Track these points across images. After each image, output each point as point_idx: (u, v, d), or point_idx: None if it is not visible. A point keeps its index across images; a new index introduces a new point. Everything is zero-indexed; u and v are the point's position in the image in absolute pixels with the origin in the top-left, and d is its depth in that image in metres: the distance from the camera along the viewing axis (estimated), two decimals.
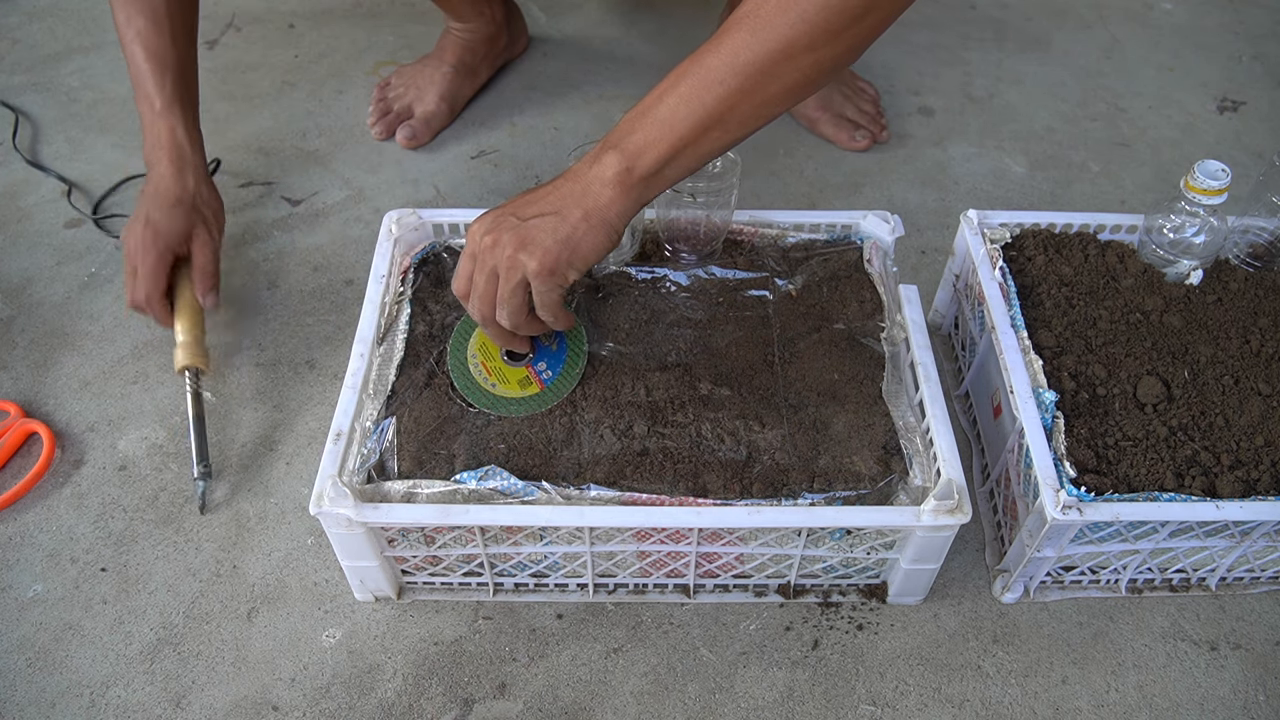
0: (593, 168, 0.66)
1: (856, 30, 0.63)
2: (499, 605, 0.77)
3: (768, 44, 0.62)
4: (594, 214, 0.66)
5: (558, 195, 0.67)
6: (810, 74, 0.64)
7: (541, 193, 0.68)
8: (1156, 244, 0.85)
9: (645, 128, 0.65)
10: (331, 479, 0.66)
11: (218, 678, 0.73)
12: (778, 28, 0.62)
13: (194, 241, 0.89)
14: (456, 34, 1.23)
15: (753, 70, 0.63)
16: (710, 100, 0.64)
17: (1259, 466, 0.72)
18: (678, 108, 0.65)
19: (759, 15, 0.62)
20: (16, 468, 0.86)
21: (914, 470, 0.70)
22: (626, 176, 0.66)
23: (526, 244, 0.65)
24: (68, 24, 1.41)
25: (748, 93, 0.64)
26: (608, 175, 0.66)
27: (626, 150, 0.66)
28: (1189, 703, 0.73)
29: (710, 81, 0.64)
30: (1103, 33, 1.47)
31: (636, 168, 0.66)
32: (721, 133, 0.66)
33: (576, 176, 0.67)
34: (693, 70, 0.64)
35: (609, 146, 0.66)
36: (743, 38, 0.63)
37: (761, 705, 0.72)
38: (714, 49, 0.64)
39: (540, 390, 0.73)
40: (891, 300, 0.81)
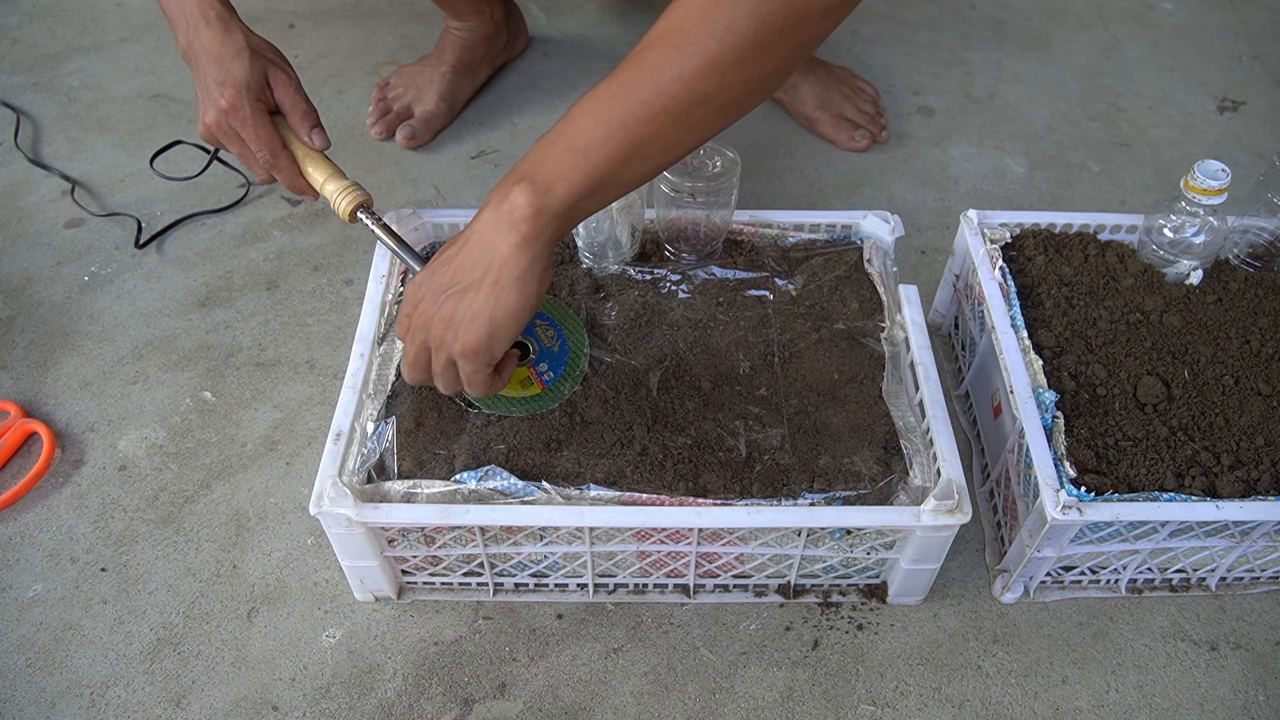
0: (501, 206, 0.59)
1: (787, 43, 0.57)
2: (499, 605, 0.77)
3: (694, 60, 0.56)
4: (503, 277, 0.59)
5: (469, 258, 0.60)
6: (740, 93, 0.59)
7: (454, 255, 0.61)
8: (1156, 244, 0.85)
9: (558, 156, 0.58)
10: (331, 479, 0.66)
11: (218, 678, 0.73)
12: (704, 42, 0.56)
13: (274, 86, 0.78)
14: (455, 33, 1.23)
15: (678, 89, 0.57)
16: (631, 123, 0.58)
17: (1259, 466, 0.72)
18: (594, 133, 0.58)
19: (683, 30, 0.57)
20: (16, 468, 0.86)
21: (914, 470, 0.70)
22: (537, 217, 0.58)
23: (449, 324, 0.61)
24: (68, 24, 1.41)
25: (672, 114, 0.58)
26: (516, 217, 0.58)
27: (537, 183, 0.58)
28: (1189, 703, 0.73)
29: (631, 102, 0.57)
30: (1103, 33, 1.47)
31: (548, 205, 0.58)
32: (643, 160, 0.60)
33: (484, 227, 0.60)
34: (610, 91, 0.58)
35: (519, 178, 0.59)
36: (666, 54, 0.57)
37: (761, 705, 0.72)
38: (634, 67, 0.58)
39: (542, 391, 0.73)
40: (891, 300, 0.81)
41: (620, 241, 0.83)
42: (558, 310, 0.78)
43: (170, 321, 0.99)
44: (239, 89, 0.75)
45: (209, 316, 0.99)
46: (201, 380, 0.93)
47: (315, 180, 0.78)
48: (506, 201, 0.59)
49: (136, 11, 1.43)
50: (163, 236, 1.08)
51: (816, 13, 0.57)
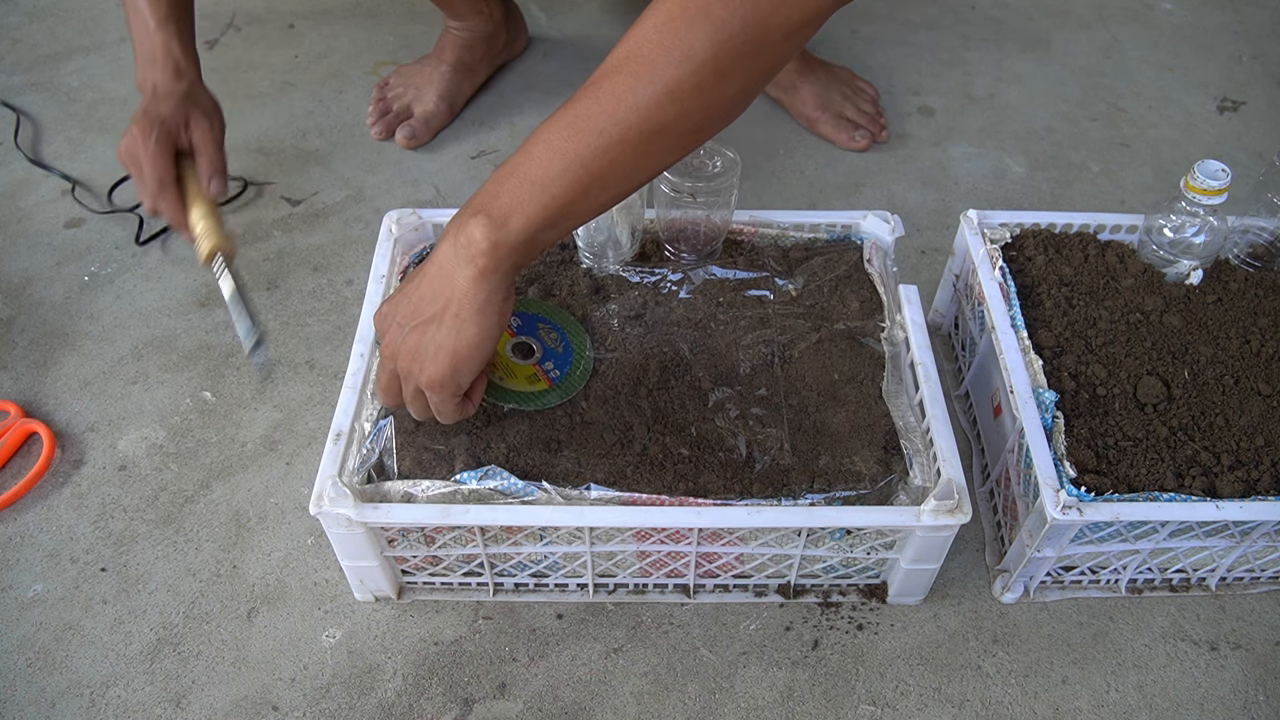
0: (458, 239, 0.59)
1: (748, 68, 0.56)
2: (499, 605, 0.77)
3: (652, 87, 0.55)
4: (463, 310, 0.60)
5: (429, 290, 0.61)
6: (700, 119, 0.57)
7: (415, 287, 0.62)
8: (1156, 244, 0.85)
9: (514, 189, 0.58)
10: (331, 479, 0.66)
11: (218, 678, 0.73)
12: (662, 69, 0.55)
13: (192, 130, 0.85)
14: (455, 33, 1.23)
15: (636, 118, 0.56)
16: (588, 154, 0.57)
17: (1259, 466, 0.72)
18: (550, 164, 0.57)
19: (640, 57, 0.55)
20: (16, 468, 0.86)
21: (914, 470, 0.70)
22: (494, 251, 0.58)
23: (415, 355, 0.62)
24: (68, 24, 1.41)
25: (631, 144, 0.57)
26: (473, 251, 0.59)
27: (493, 216, 0.58)
28: (1189, 703, 0.73)
29: (587, 132, 0.56)
30: (1103, 33, 1.47)
31: (504, 239, 0.58)
32: (601, 191, 0.59)
33: (442, 258, 0.61)
34: (567, 121, 0.57)
35: (475, 210, 0.59)
36: (624, 81, 0.56)
37: (761, 705, 0.72)
38: (590, 95, 0.57)
39: (549, 387, 0.73)
40: (891, 300, 0.81)
41: (620, 241, 0.83)
42: (558, 314, 0.78)
43: (170, 321, 0.99)
44: (152, 122, 0.82)
45: (209, 316, 0.99)
46: (201, 380, 0.93)
47: (192, 218, 0.83)
48: (463, 234, 0.59)
49: None
50: (163, 236, 1.08)
51: (776, 37, 0.56)
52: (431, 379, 0.62)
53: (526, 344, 0.75)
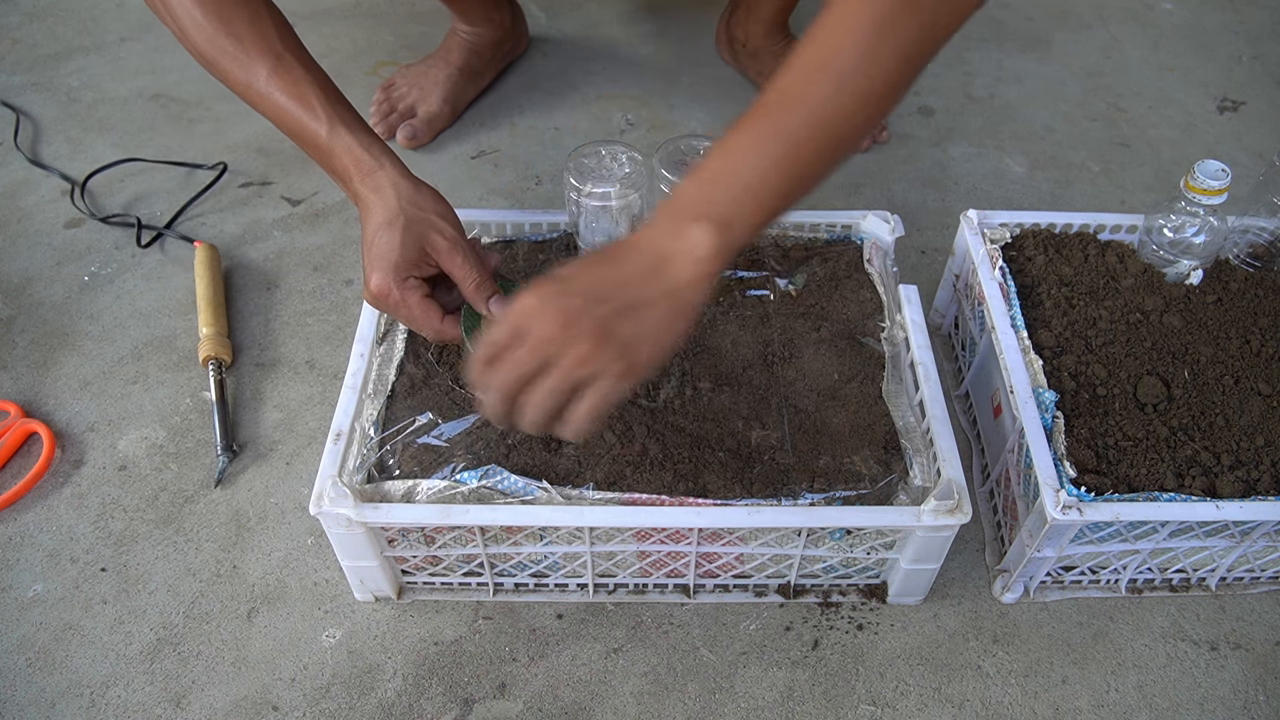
0: (677, 241, 0.59)
1: (917, 69, 0.62)
2: (499, 605, 0.77)
3: (852, 97, 0.60)
4: (677, 300, 0.59)
5: (634, 276, 0.59)
6: (878, 117, 0.63)
7: (611, 271, 0.60)
8: (1156, 244, 0.85)
9: (735, 197, 0.60)
10: (331, 479, 0.66)
11: (218, 678, 0.73)
12: (858, 79, 0.59)
13: (436, 254, 0.71)
14: (464, 36, 1.23)
15: (836, 125, 0.60)
16: (802, 160, 0.60)
17: (1259, 466, 0.72)
18: (767, 173, 0.60)
19: (837, 68, 0.59)
20: (16, 468, 0.86)
21: (914, 470, 0.70)
22: (719, 256, 0.60)
23: (607, 340, 0.57)
24: (68, 24, 1.41)
25: (831, 147, 0.61)
26: (700, 253, 0.59)
27: (716, 222, 0.59)
28: (1189, 703, 0.73)
29: (798, 141, 0.60)
30: (1103, 33, 1.47)
31: (729, 244, 0.60)
32: (804, 191, 0.62)
33: (654, 252, 0.60)
34: (774, 130, 0.60)
35: (697, 217, 0.59)
36: (824, 92, 0.59)
37: (761, 705, 0.72)
38: (793, 106, 0.60)
39: None
40: (891, 300, 0.81)
41: None
42: None
43: (170, 321, 0.99)
44: (385, 271, 0.69)
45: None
46: (201, 380, 0.93)
47: (201, 322, 0.93)
48: (684, 238, 0.60)
49: (136, 11, 1.43)
50: (163, 237, 1.08)
51: (942, 38, 0.61)
52: (629, 367, 0.58)
53: None
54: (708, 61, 1.36)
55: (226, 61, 0.74)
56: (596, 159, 0.81)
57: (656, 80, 1.33)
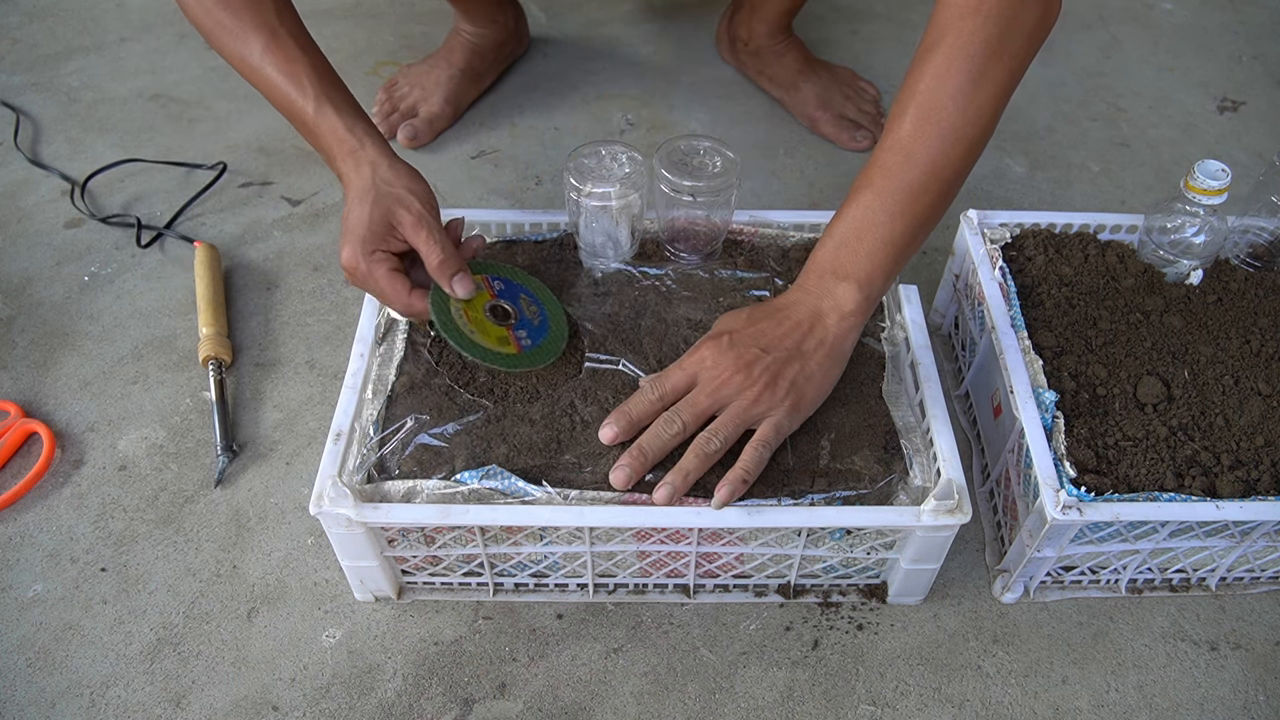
0: (825, 300, 0.69)
1: (1006, 104, 0.70)
2: (499, 605, 0.77)
3: (957, 144, 0.67)
4: (833, 351, 0.69)
5: (794, 330, 0.68)
6: (978, 156, 0.70)
7: (774, 327, 0.69)
8: (1156, 244, 0.85)
9: (870, 252, 0.69)
10: (331, 479, 0.66)
11: (218, 678, 0.73)
12: (961, 128, 0.67)
13: (401, 228, 0.72)
14: (468, 37, 1.23)
15: (947, 173, 0.68)
16: (921, 210, 0.69)
17: (1259, 466, 0.72)
18: (894, 227, 0.68)
19: (941, 122, 0.67)
20: (16, 468, 0.86)
21: (914, 470, 0.70)
22: (866, 306, 0.69)
23: (781, 386, 0.67)
24: (68, 24, 1.41)
25: (945, 193, 0.70)
26: (848, 309, 0.68)
27: (860, 280, 0.68)
28: (1189, 703, 0.73)
29: (916, 194, 0.68)
30: (1103, 33, 1.47)
31: (871, 296, 0.69)
32: (926, 235, 0.71)
33: (808, 309, 0.69)
34: (894, 185, 0.68)
35: (841, 276, 0.69)
36: (933, 147, 0.67)
37: (761, 705, 0.72)
38: (908, 163, 0.68)
39: (517, 352, 0.72)
40: (891, 300, 0.81)
41: (620, 241, 0.83)
42: (542, 292, 0.78)
43: (170, 321, 0.99)
44: (354, 244, 0.71)
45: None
46: (201, 380, 0.93)
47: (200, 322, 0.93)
48: (830, 297, 0.69)
49: (136, 11, 1.43)
50: (163, 237, 1.08)
51: (1020, 79, 0.69)
52: (797, 411, 0.68)
53: (504, 308, 0.75)
54: (708, 61, 1.36)
55: (222, 34, 0.75)
56: (596, 159, 0.81)
57: (656, 80, 1.33)
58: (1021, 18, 0.66)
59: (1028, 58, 0.68)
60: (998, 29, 0.66)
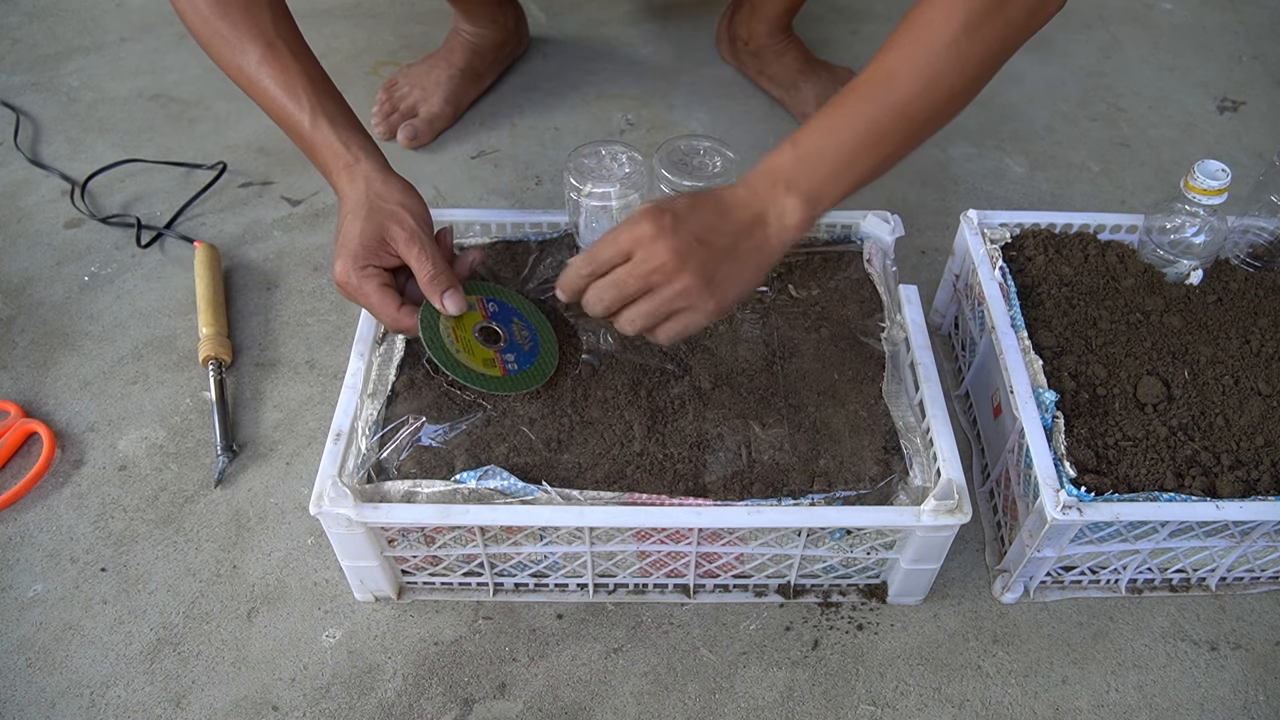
0: (771, 206, 0.66)
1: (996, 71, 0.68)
2: (499, 605, 0.77)
3: (940, 90, 0.66)
4: (764, 260, 0.67)
5: (734, 228, 0.66)
6: (958, 111, 0.69)
7: (716, 219, 0.66)
8: (1156, 244, 0.85)
9: (826, 174, 0.67)
10: (331, 479, 0.66)
11: (218, 678, 0.73)
12: (946, 76, 0.65)
13: (394, 244, 0.72)
14: (467, 37, 1.23)
15: (922, 116, 0.67)
16: (886, 145, 0.67)
17: (1259, 466, 0.72)
18: (856, 154, 0.67)
19: (935, 62, 0.65)
20: (16, 468, 0.86)
21: (914, 470, 0.70)
22: (808, 224, 0.67)
23: (711, 284, 0.65)
24: (68, 24, 1.41)
25: (915, 135, 0.68)
26: (790, 223, 0.66)
27: (810, 198, 0.67)
28: (1189, 703, 0.73)
29: (886, 129, 0.66)
30: (1103, 33, 1.47)
31: (814, 215, 0.67)
32: (885, 171, 0.69)
33: (752, 210, 0.66)
34: (866, 114, 0.66)
35: (790, 188, 0.66)
36: (915, 87, 0.65)
37: (761, 705, 0.72)
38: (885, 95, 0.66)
39: (502, 376, 0.72)
40: (891, 300, 0.81)
41: None
42: (536, 317, 0.78)
43: (170, 321, 0.99)
44: (346, 259, 0.71)
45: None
46: (201, 380, 0.93)
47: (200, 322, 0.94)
48: (778, 205, 0.67)
49: (136, 11, 1.43)
50: (163, 237, 1.08)
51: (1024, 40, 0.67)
52: (719, 309, 0.66)
53: (495, 331, 0.75)
54: (708, 61, 1.36)
55: (219, 44, 0.75)
56: (596, 159, 0.81)
57: (656, 80, 1.33)
58: None
59: (1022, 33, 0.67)
60: None
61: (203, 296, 0.96)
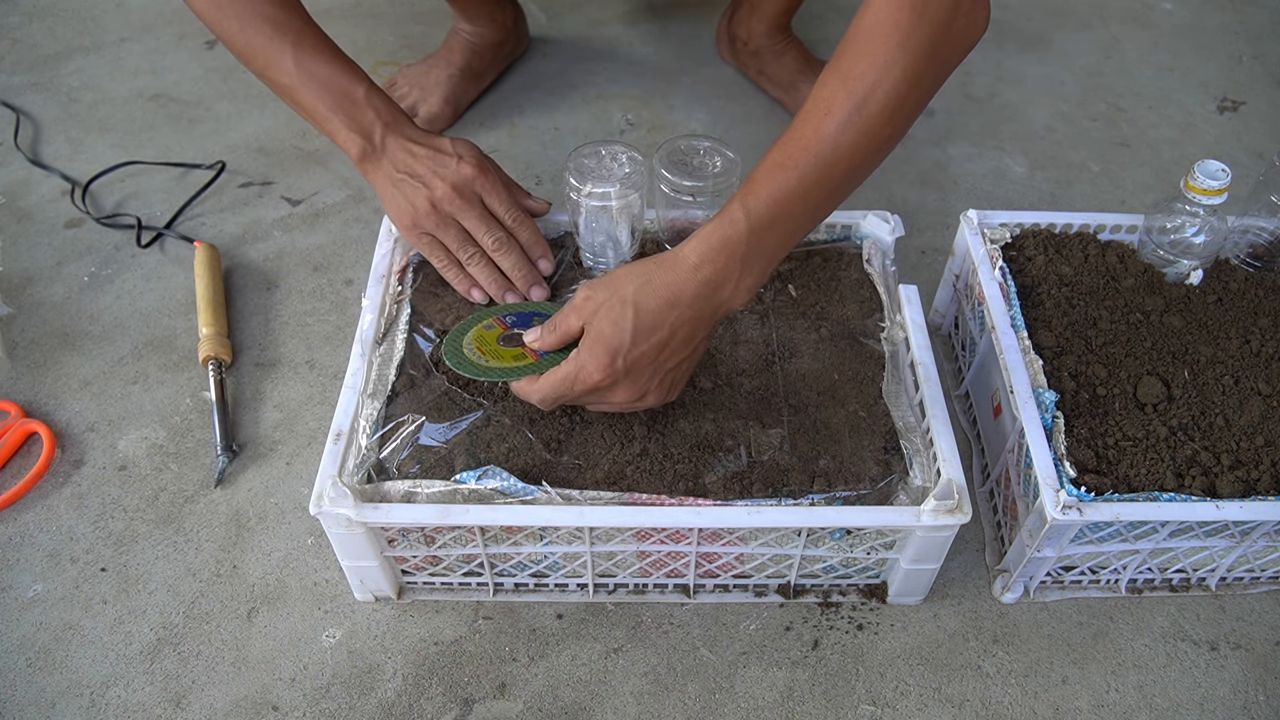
0: (720, 293, 0.65)
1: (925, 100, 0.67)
2: (499, 605, 0.77)
3: (882, 148, 0.66)
4: (701, 345, 0.68)
5: (690, 333, 0.66)
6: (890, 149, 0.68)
7: (670, 333, 0.65)
8: (1156, 244, 0.85)
9: (778, 245, 0.67)
10: (331, 479, 0.66)
11: (218, 678, 0.73)
12: (891, 133, 0.65)
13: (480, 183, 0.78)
14: (466, 37, 1.23)
15: (863, 175, 0.67)
16: (827, 209, 0.68)
17: (1259, 466, 0.72)
18: (803, 223, 0.67)
19: (879, 121, 0.64)
20: (16, 468, 0.86)
21: (914, 470, 0.70)
22: (733, 309, 0.67)
23: (668, 392, 0.69)
24: (68, 24, 1.41)
25: (847, 193, 0.68)
26: (736, 306, 0.66)
27: (761, 275, 0.67)
28: (1189, 703, 0.73)
29: (833, 189, 0.66)
30: (1103, 33, 1.47)
31: (754, 290, 0.67)
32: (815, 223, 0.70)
33: (708, 308, 0.65)
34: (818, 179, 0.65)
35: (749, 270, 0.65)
36: (865, 146, 0.64)
37: (761, 705, 0.72)
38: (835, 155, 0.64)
39: (535, 360, 0.71)
40: (891, 300, 0.81)
41: (620, 241, 0.83)
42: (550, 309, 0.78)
43: (170, 321, 0.99)
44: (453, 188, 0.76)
45: None
46: (201, 380, 0.93)
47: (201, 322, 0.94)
48: (731, 290, 0.66)
49: (136, 11, 1.43)
50: (163, 237, 1.08)
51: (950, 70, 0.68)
52: (673, 394, 0.70)
53: (517, 336, 0.75)
54: (708, 61, 1.36)
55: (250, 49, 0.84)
56: (596, 159, 0.81)
57: (656, 80, 1.33)
58: (954, 24, 0.65)
59: (951, 70, 0.67)
60: (934, 31, 0.63)
61: (203, 296, 0.96)
